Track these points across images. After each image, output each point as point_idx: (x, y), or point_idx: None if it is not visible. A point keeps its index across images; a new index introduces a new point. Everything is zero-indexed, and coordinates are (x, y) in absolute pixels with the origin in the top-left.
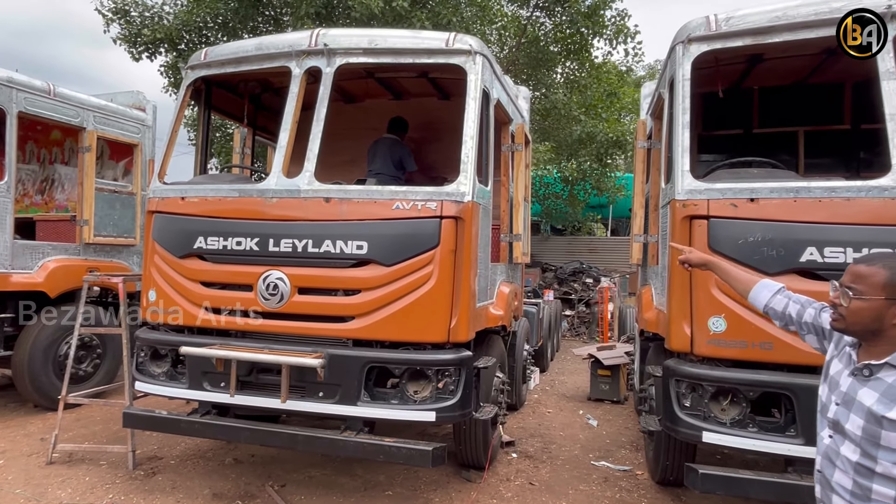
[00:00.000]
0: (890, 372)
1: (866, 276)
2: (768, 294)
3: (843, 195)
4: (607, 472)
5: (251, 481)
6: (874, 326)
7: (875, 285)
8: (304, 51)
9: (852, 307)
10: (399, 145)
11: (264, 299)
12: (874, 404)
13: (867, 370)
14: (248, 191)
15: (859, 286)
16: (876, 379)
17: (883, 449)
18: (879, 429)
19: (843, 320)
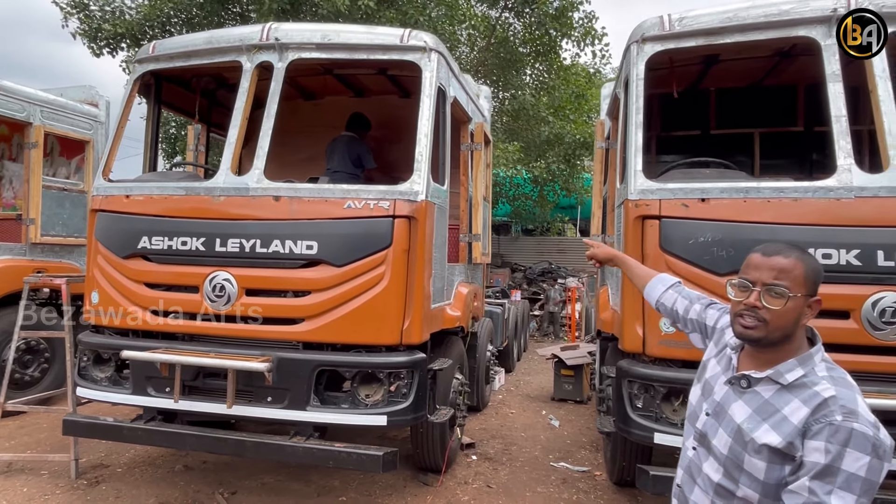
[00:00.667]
0: (768, 386)
1: (787, 269)
2: (662, 288)
3: (791, 195)
4: (566, 474)
5: (200, 489)
6: (791, 330)
7: (797, 280)
8: (256, 45)
9: (783, 309)
10: (357, 142)
11: (210, 301)
12: (744, 421)
13: (745, 381)
14: (194, 189)
15: (786, 282)
16: (752, 392)
17: (745, 473)
18: (744, 451)
19: (763, 327)
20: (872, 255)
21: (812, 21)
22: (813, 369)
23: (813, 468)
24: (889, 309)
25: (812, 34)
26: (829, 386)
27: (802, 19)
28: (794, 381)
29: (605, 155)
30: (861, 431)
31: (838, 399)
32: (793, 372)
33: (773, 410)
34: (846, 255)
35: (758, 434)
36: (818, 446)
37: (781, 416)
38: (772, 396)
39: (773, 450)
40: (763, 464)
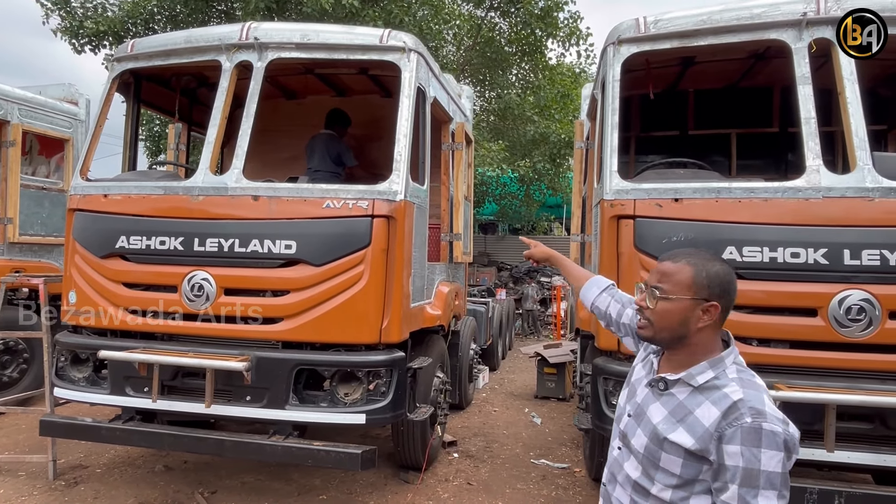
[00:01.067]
0: (683, 389)
1: (671, 273)
2: (596, 291)
3: (762, 196)
4: (546, 471)
5: (180, 489)
6: (680, 331)
7: (681, 283)
8: (235, 44)
9: (658, 309)
10: (336, 140)
11: (189, 301)
12: (660, 423)
13: (662, 384)
14: (173, 188)
15: (665, 285)
16: (668, 394)
17: (661, 470)
18: (660, 450)
19: (650, 326)
20: (839, 253)
21: (782, 24)
22: (724, 371)
23: (736, 473)
24: (855, 307)
25: (783, 37)
26: (738, 388)
27: (773, 23)
28: (704, 382)
29: (585, 155)
30: (770, 430)
31: (746, 401)
32: (703, 374)
33: (686, 412)
34: (814, 253)
35: (672, 435)
36: (735, 451)
37: (693, 418)
38: (685, 398)
39: (688, 451)
40: (679, 460)
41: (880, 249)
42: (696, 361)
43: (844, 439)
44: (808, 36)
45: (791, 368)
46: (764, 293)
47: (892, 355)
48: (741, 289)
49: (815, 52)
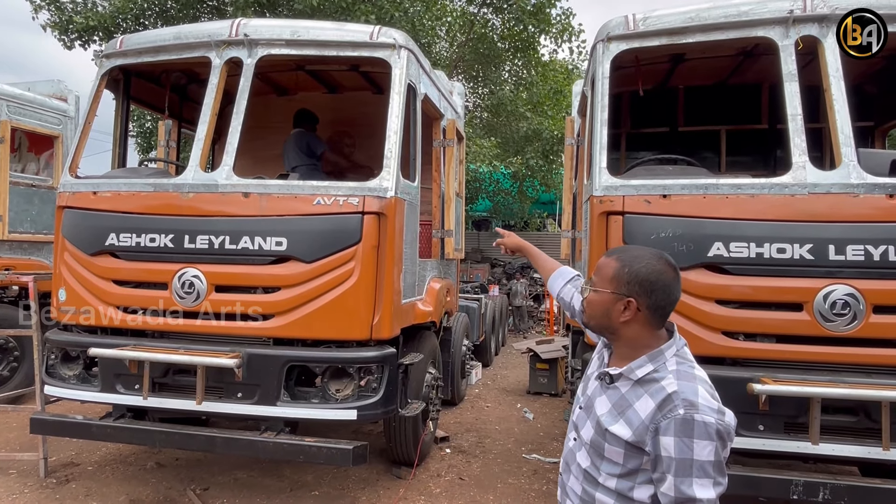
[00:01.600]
0: (625, 382)
1: (601, 267)
2: (561, 283)
3: (748, 192)
4: (538, 465)
5: (172, 485)
6: (605, 322)
7: (605, 277)
8: (225, 41)
9: (588, 298)
10: (303, 134)
11: (179, 298)
12: (604, 415)
13: (608, 378)
14: (163, 185)
15: (595, 277)
16: (613, 388)
17: (606, 460)
18: (603, 441)
19: (584, 314)
20: (824, 249)
21: (769, 22)
22: (664, 364)
23: (671, 463)
24: (839, 301)
25: (770, 35)
26: (673, 381)
27: (760, 20)
28: (643, 376)
29: (576, 152)
30: (702, 420)
31: (679, 393)
32: (643, 368)
33: (626, 405)
34: (799, 249)
35: (613, 427)
36: (669, 442)
37: (632, 411)
38: (627, 392)
39: (627, 442)
40: (621, 451)
41: (864, 245)
42: (638, 355)
43: (830, 432)
44: (795, 33)
45: (777, 362)
46: (750, 288)
47: (875, 349)
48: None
49: (801, 50)
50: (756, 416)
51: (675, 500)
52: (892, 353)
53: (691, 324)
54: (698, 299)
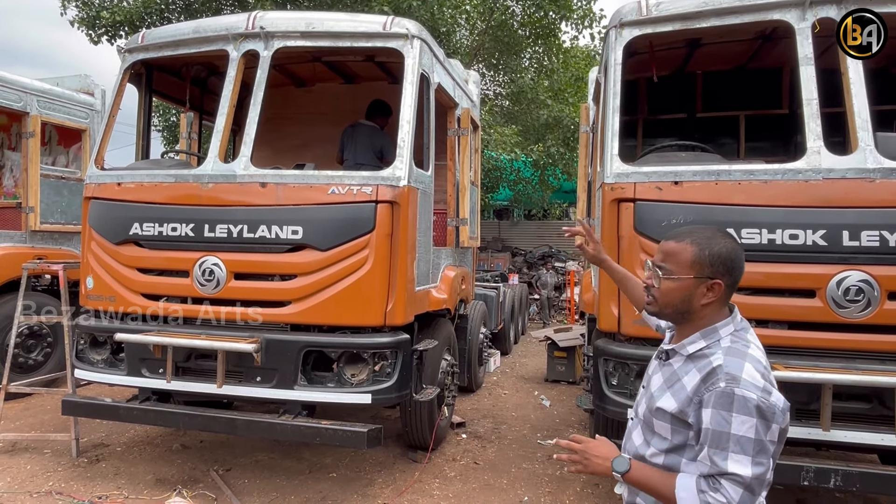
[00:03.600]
0: (678, 358)
1: (674, 253)
2: None
3: (761, 178)
4: (552, 451)
5: (196, 466)
6: (684, 308)
7: (683, 262)
8: (242, 34)
9: (663, 288)
10: (380, 134)
11: (200, 285)
12: (656, 390)
13: (664, 354)
14: (183, 176)
15: (669, 265)
16: (667, 364)
17: (656, 435)
18: (653, 416)
19: (655, 303)
20: (838, 235)
21: (786, 5)
22: (717, 342)
23: (707, 436)
24: (853, 288)
25: (786, 17)
26: (721, 356)
27: (776, 3)
28: (694, 352)
29: (591, 139)
30: (742, 395)
31: (724, 367)
32: (694, 344)
33: (676, 379)
34: (812, 235)
35: (661, 401)
36: (707, 414)
37: (680, 384)
38: (679, 367)
39: (672, 415)
40: (667, 425)
41: (880, 230)
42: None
43: (842, 419)
44: (812, 16)
45: (789, 349)
46: (762, 275)
47: (890, 335)
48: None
49: (819, 33)
50: None
51: (709, 471)
52: None
53: None
54: None
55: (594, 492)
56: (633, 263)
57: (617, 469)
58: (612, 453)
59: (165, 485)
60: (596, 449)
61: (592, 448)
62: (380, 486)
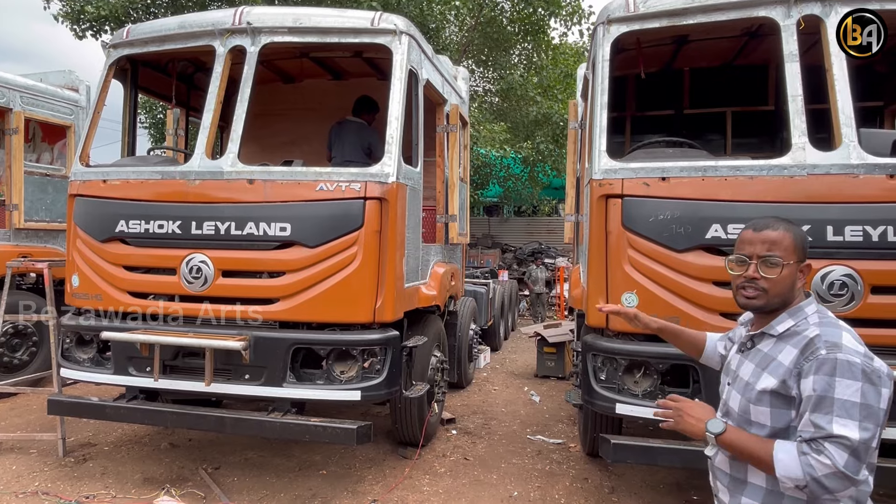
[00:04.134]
0: (767, 341)
1: (779, 241)
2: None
3: (747, 174)
4: (542, 446)
5: (185, 465)
6: (788, 294)
7: (788, 249)
8: (228, 29)
9: (778, 277)
10: (368, 131)
11: (188, 283)
12: (749, 377)
13: (749, 342)
14: (170, 173)
15: (779, 253)
16: (755, 350)
17: (753, 425)
18: (749, 403)
19: (764, 295)
20: (822, 230)
21: (771, 2)
22: (805, 319)
23: (810, 402)
24: (837, 282)
25: (771, 14)
26: (816, 328)
27: (762, 0)
28: (784, 331)
29: (580, 135)
30: (845, 360)
31: (822, 336)
32: (783, 323)
33: (770, 360)
34: None
35: (758, 383)
36: (809, 381)
37: (777, 363)
38: (770, 349)
39: (773, 393)
40: (767, 409)
41: (863, 226)
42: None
43: None
44: (797, 12)
45: None
46: None
47: (874, 329)
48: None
49: (804, 30)
50: None
51: (811, 435)
52: (891, 332)
53: (690, 305)
54: (696, 281)
55: (583, 486)
56: (621, 259)
57: (711, 430)
58: (706, 415)
59: (153, 484)
60: (691, 409)
61: (688, 408)
62: (370, 483)
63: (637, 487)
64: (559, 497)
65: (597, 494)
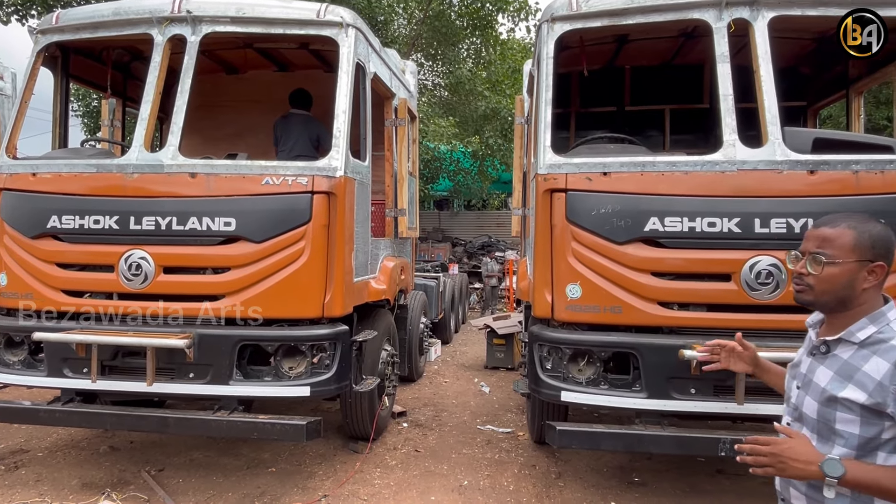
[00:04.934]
0: (846, 348)
1: (833, 238)
2: None
3: (682, 169)
4: (491, 436)
5: (126, 468)
6: (845, 293)
7: (844, 247)
8: (167, 17)
9: (824, 275)
10: (315, 123)
11: (127, 280)
12: (828, 384)
13: (824, 346)
14: (106, 166)
15: (829, 250)
16: (832, 356)
17: (839, 435)
18: (834, 411)
19: (811, 291)
20: (751, 222)
21: (704, 5)
22: (888, 325)
23: None
24: (763, 271)
25: (704, 17)
26: None
27: (696, 2)
28: (866, 338)
29: (526, 131)
30: None
31: None
32: (864, 330)
33: (853, 369)
34: (728, 223)
35: (843, 393)
36: None
37: (862, 374)
38: (850, 357)
39: (863, 407)
40: (856, 418)
41: (787, 218)
42: (856, 321)
43: (754, 393)
44: (728, 16)
45: (709, 330)
46: (683, 261)
47: (798, 314)
48: (663, 257)
49: (734, 32)
50: (689, 380)
51: None
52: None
53: (629, 295)
54: (635, 272)
55: (531, 472)
56: (565, 252)
57: (831, 474)
58: (813, 455)
59: (93, 489)
60: (792, 451)
61: (788, 450)
62: (320, 479)
63: (582, 472)
64: (508, 484)
65: (544, 480)
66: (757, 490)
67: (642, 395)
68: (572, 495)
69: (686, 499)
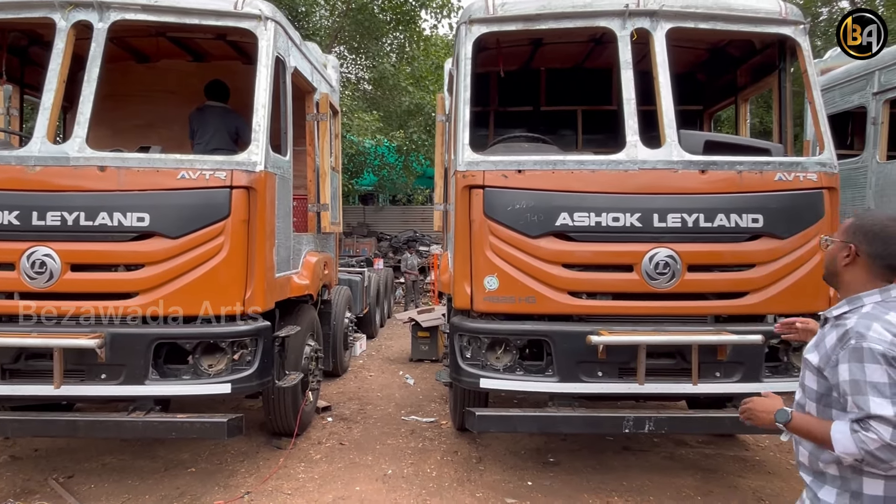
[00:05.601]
0: (829, 323)
1: (841, 227)
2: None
3: (590, 167)
4: (415, 426)
5: (31, 476)
6: (831, 269)
7: (839, 231)
8: (71, 2)
9: (825, 253)
10: (233, 115)
11: (30, 278)
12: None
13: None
14: (3, 158)
15: (833, 236)
16: (821, 329)
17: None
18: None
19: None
20: (650, 217)
21: (610, 14)
22: (859, 308)
23: (847, 387)
24: (661, 262)
25: (610, 25)
26: (856, 319)
27: (602, 12)
28: (837, 315)
29: (447, 128)
30: (868, 347)
31: (855, 328)
32: (838, 308)
33: (821, 339)
34: (630, 217)
35: (808, 354)
36: (844, 369)
37: (823, 345)
38: (826, 329)
39: (817, 368)
40: (814, 377)
41: (681, 213)
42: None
43: (655, 374)
44: (631, 25)
45: (614, 317)
46: (591, 253)
47: (689, 301)
48: (572, 249)
49: (636, 40)
50: (596, 364)
51: (857, 416)
52: (703, 304)
53: (542, 286)
54: (547, 264)
55: (453, 458)
56: (483, 246)
57: (779, 420)
58: (774, 407)
59: None
60: (760, 405)
61: (758, 405)
62: (243, 476)
63: (501, 455)
64: (430, 470)
65: (465, 465)
66: (659, 464)
67: (554, 380)
68: (492, 478)
69: (595, 474)
